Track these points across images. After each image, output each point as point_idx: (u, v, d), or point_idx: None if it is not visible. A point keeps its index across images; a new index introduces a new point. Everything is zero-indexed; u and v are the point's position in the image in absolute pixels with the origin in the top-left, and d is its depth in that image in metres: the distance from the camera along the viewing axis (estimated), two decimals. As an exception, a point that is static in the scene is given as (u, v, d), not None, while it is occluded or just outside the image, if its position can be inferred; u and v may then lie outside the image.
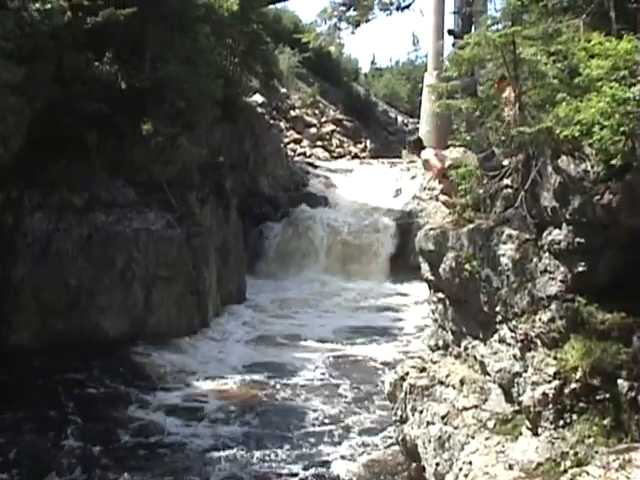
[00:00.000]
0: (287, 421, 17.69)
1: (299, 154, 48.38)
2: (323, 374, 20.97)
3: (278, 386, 19.95)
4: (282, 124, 50.42)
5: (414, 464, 14.84)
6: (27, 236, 21.88)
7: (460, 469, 12.36)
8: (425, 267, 14.71)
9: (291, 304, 28.87)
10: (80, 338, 21.55)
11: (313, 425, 17.56)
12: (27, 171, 21.86)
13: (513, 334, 12.11)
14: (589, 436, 10.43)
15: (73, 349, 20.79)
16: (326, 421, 17.76)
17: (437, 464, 13.44)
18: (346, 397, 19.25)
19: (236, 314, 26.79)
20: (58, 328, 21.76)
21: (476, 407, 13.14)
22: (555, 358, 11.07)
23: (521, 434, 11.75)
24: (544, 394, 11.02)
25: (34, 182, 22.20)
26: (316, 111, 53.42)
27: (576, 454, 10.42)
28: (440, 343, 14.86)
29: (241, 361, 21.92)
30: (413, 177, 38.42)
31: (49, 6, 21.28)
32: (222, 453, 15.76)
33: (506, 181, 12.68)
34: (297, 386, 19.97)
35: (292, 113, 52.20)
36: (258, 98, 45.31)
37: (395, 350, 22.75)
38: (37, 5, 21.06)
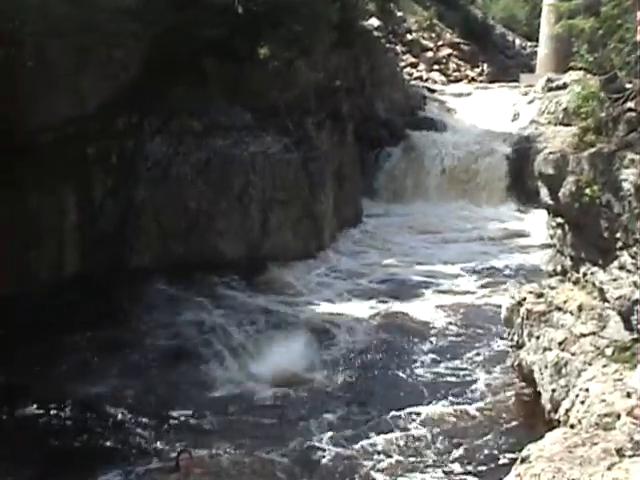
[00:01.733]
0: (398, 358, 17.80)
1: (415, 78, 47.81)
2: (435, 307, 20.75)
3: (392, 321, 19.93)
4: (398, 48, 49.85)
5: (530, 389, 14.86)
6: (148, 160, 22.28)
7: (577, 396, 12.31)
8: (544, 192, 14.53)
9: (409, 230, 28.73)
10: (199, 261, 21.96)
11: (423, 363, 17.61)
12: (146, 97, 22.14)
13: (634, 261, 11.92)
14: None
15: (192, 271, 21.29)
16: (439, 357, 17.79)
17: (553, 390, 13.40)
18: (458, 333, 19.17)
19: (352, 238, 26.81)
20: (178, 251, 22.23)
21: (594, 334, 13.02)
22: (677, 285, 10.89)
23: (640, 362, 11.63)
24: (665, 322, 10.87)
25: (153, 108, 22.49)
26: (432, 34, 52.63)
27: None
28: (558, 269, 14.73)
29: (355, 288, 22.04)
30: (531, 101, 37.72)
31: None
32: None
33: (629, 104, 12.40)
34: (412, 321, 19.92)
35: (408, 37, 51.54)
36: (374, 22, 44.88)
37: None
38: None
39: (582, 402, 11.96)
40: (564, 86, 34.41)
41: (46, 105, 20.00)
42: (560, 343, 13.44)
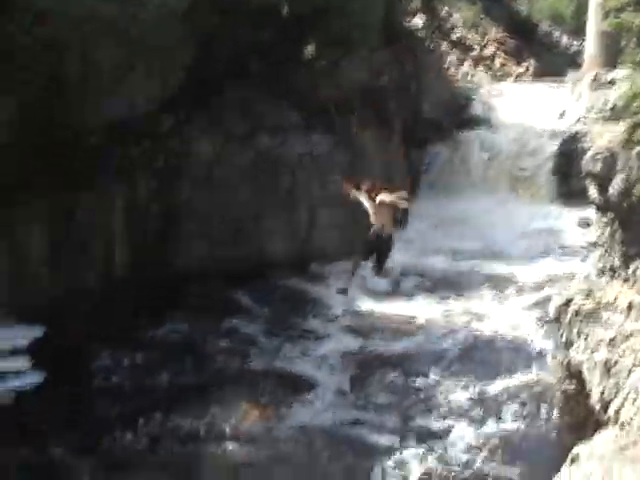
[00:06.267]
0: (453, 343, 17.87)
1: (461, 76, 47.68)
2: (491, 304, 20.78)
3: (446, 319, 20.04)
4: (443, 46, 49.72)
5: (579, 389, 14.73)
6: (193, 162, 22.39)
7: (627, 396, 12.20)
8: (592, 190, 14.41)
9: (455, 228, 28.55)
10: (245, 263, 22.10)
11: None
12: (192, 99, 22.26)
13: (684, 257, 11.82)
14: None
15: (237, 275, 21.41)
16: (490, 352, 17.81)
17: (602, 390, 13.28)
18: (510, 330, 19.09)
19: (400, 237, 26.62)
20: (223, 253, 22.33)
21: (644, 332, 12.92)
22: None
23: (691, 360, 11.52)
24: None
25: (199, 110, 22.60)
26: (478, 32, 52.43)
27: None
28: (607, 266, 14.59)
29: (404, 286, 22.06)
30: (578, 99, 37.43)
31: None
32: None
33: (679, 100, 12.28)
34: (466, 316, 19.98)
35: (453, 34, 51.39)
36: (419, 20, 44.75)
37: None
38: None
39: (632, 402, 11.86)
40: (612, 83, 34.15)
41: (94, 107, 20.18)
42: (609, 342, 13.32)
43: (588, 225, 23.44)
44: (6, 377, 16.62)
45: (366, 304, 20.64)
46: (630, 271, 13.63)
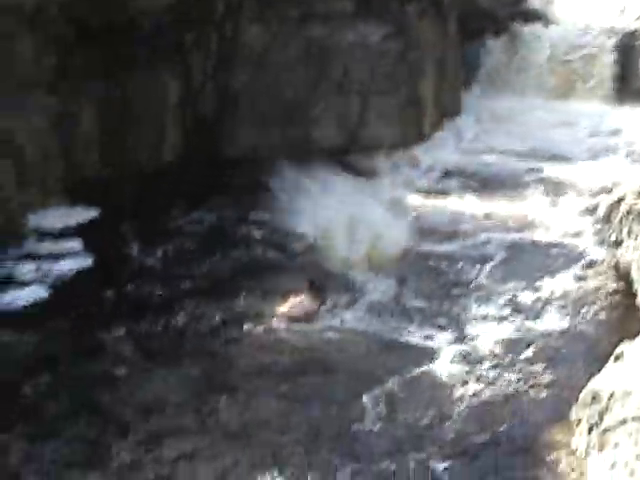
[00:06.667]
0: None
1: (520, -32, 46.53)
2: (541, 205, 20.56)
3: (492, 213, 20.04)
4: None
5: (626, 288, 14.70)
6: (245, 47, 22.27)
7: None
8: (650, 87, 14.15)
9: (507, 127, 28.12)
10: (294, 148, 22.16)
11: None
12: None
13: None
14: None
15: (284, 162, 21.37)
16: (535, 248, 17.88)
17: (650, 289, 13.25)
18: (557, 225, 18.99)
19: (452, 129, 26.36)
20: (274, 139, 22.36)
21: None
22: None
23: None
24: None
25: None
26: None
27: None
28: (662, 166, 14.42)
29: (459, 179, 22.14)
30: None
31: None
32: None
33: None
34: (515, 218, 19.83)
35: None
36: None
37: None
38: None
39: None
40: (676, -23, 33.27)
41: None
42: (660, 241, 13.24)
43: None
44: (58, 259, 16.83)
45: (411, 202, 20.54)
46: (685, 171, 13.46)
